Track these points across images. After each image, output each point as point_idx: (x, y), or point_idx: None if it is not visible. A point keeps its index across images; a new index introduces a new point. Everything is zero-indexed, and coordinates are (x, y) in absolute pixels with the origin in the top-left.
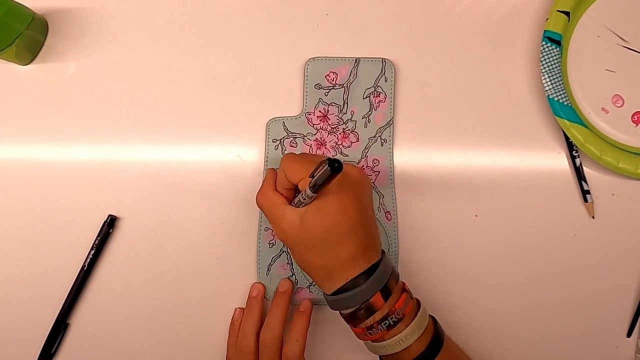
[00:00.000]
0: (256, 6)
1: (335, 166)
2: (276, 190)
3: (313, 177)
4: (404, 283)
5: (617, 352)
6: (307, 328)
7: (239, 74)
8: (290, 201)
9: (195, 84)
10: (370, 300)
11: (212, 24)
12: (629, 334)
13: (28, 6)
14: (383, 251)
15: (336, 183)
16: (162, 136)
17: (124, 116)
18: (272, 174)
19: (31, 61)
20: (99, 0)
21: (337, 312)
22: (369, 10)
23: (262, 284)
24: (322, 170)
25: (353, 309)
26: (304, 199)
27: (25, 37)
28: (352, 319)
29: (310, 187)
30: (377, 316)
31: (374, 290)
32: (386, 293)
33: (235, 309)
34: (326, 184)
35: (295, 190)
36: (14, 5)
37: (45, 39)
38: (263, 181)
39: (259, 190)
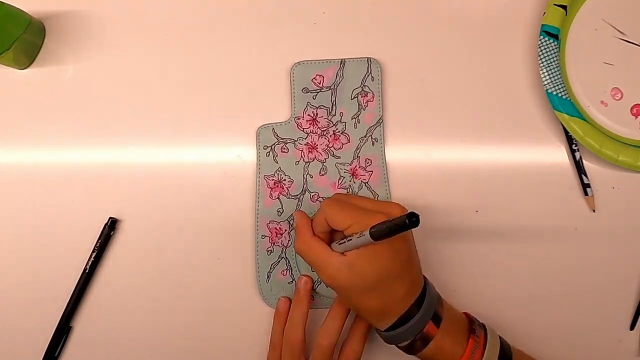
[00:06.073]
0: (249, 11)
1: (413, 221)
2: (315, 235)
3: (374, 228)
4: (470, 319)
5: (620, 345)
6: (369, 328)
7: (234, 77)
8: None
9: (194, 85)
10: (424, 330)
11: (209, 27)
12: (631, 327)
13: (25, 10)
14: (424, 277)
15: None
16: (161, 138)
17: (122, 118)
18: (305, 220)
19: (29, 65)
20: (96, 4)
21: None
22: (363, 10)
23: (310, 277)
24: (395, 226)
25: (409, 341)
26: (352, 244)
27: (23, 41)
28: (409, 351)
29: (372, 238)
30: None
31: (426, 320)
32: (437, 320)
33: (280, 298)
34: (392, 235)
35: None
36: (10, 10)
37: (42, 42)
38: (296, 227)
39: (297, 237)
